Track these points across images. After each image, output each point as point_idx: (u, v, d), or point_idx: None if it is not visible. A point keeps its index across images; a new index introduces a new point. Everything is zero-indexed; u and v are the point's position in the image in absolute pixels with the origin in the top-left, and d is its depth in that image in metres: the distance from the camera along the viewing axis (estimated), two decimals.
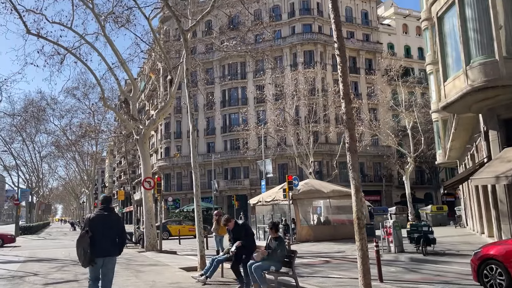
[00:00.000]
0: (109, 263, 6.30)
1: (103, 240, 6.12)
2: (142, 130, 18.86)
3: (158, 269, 11.88)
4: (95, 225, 6.20)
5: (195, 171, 12.21)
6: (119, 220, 6.77)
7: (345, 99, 5.79)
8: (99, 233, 6.10)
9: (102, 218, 6.27)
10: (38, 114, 41.68)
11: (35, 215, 62.27)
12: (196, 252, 18.35)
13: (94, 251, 6.02)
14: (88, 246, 5.99)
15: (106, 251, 6.16)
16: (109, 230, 6.22)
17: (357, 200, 5.55)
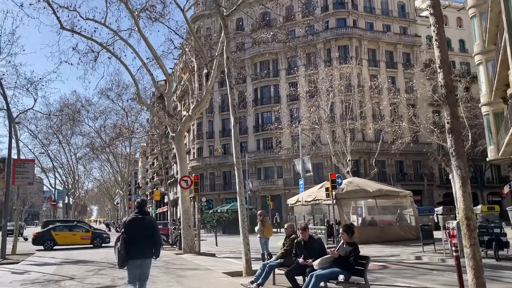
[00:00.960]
0: (145, 265, 6.41)
1: (139, 243, 6.20)
2: (178, 127, 18.13)
3: (200, 273, 10.96)
4: (131, 227, 6.32)
5: (238, 167, 11.24)
6: (153, 223, 6.76)
7: (443, 68, 4.63)
8: (134, 235, 6.21)
9: (138, 221, 6.37)
10: (73, 115, 42.02)
11: (72, 216, 63.31)
12: (236, 255, 17.51)
13: (130, 253, 6.15)
14: (123, 248, 6.14)
15: (142, 253, 6.26)
16: (144, 232, 6.27)
17: (464, 195, 4.37)
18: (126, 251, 6.12)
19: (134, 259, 6.22)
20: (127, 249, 6.12)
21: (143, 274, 6.43)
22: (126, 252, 6.12)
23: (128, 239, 6.17)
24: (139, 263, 6.28)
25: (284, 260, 7.95)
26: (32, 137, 46.37)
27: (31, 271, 12.61)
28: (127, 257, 6.15)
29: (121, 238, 6.21)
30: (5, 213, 17.73)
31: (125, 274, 8.62)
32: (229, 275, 10.59)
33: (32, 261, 15.65)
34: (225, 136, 53.23)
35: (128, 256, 6.15)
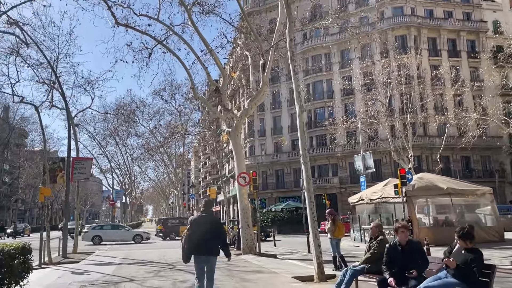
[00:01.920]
0: (209, 262, 6.50)
1: (202, 240, 6.35)
2: (234, 122, 17.34)
3: (266, 277, 9.97)
4: (195, 225, 6.52)
5: (305, 161, 10.14)
6: (218, 222, 7.10)
7: None
8: (199, 233, 6.38)
9: (203, 219, 6.55)
10: (129, 116, 42.85)
11: (129, 215, 65.22)
12: (298, 256, 16.42)
13: (194, 249, 6.37)
14: (187, 244, 6.42)
15: (205, 251, 6.39)
16: (208, 230, 6.41)
17: None
18: (190, 247, 6.39)
19: (198, 255, 6.41)
20: (190, 246, 6.38)
21: (208, 272, 6.52)
22: (189, 248, 6.39)
23: (192, 236, 6.42)
24: (203, 259, 6.43)
25: (371, 266, 6.75)
26: (91, 138, 48.02)
27: (91, 271, 12.25)
28: (191, 253, 6.40)
29: (186, 235, 6.49)
30: (66, 212, 17.82)
31: (186, 277, 9.35)
32: (299, 280, 9.52)
33: (92, 261, 15.45)
34: (277, 134, 52.19)
35: (191, 252, 6.40)
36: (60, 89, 18.15)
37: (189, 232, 6.46)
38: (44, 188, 13.93)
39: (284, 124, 51.80)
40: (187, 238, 6.43)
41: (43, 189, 13.87)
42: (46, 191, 14.14)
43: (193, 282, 9.72)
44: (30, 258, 8.87)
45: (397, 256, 5.93)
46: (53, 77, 17.61)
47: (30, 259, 8.88)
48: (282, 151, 51.28)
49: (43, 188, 13.95)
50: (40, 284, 9.95)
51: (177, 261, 14.13)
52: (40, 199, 14.02)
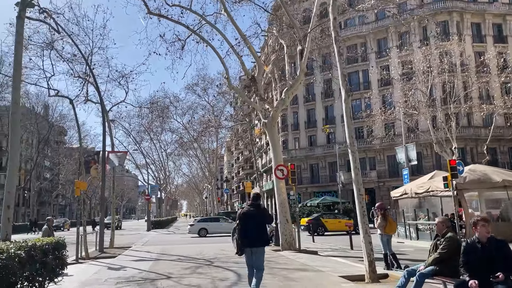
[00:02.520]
0: (257, 252, 6.77)
1: (250, 233, 6.65)
2: (270, 112, 16.63)
3: (311, 276, 9.21)
4: (244, 218, 6.80)
5: (353, 150, 9.28)
6: (265, 214, 7.14)
7: None
8: (247, 226, 6.70)
9: (250, 213, 6.81)
10: (163, 112, 42.98)
11: (164, 210, 65.95)
12: (339, 253, 15.55)
13: (244, 242, 6.69)
14: (239, 237, 6.74)
15: (253, 243, 6.69)
16: (255, 223, 6.72)
17: None
18: (241, 240, 6.68)
19: (247, 247, 6.72)
20: (241, 239, 6.68)
21: (256, 263, 6.80)
22: (241, 241, 6.69)
23: (241, 229, 6.74)
24: (252, 250, 6.73)
25: (440, 267, 5.85)
26: (126, 134, 48.61)
27: (127, 267, 11.88)
28: (243, 245, 6.69)
29: (237, 229, 6.84)
30: (102, 206, 17.68)
31: (225, 275, 9.29)
32: (348, 279, 8.72)
33: (129, 256, 15.18)
34: (311, 127, 51.10)
35: (243, 245, 6.70)
36: (95, 82, 18.00)
37: (239, 227, 6.79)
38: (79, 182, 13.74)
39: (318, 117, 50.59)
40: (238, 232, 6.77)
41: (79, 182, 13.67)
42: (81, 184, 13.95)
43: (233, 280, 9.12)
44: (64, 254, 8.51)
45: (477, 255, 5.01)
46: (88, 70, 17.46)
47: (64, 254, 8.52)
48: (317, 145, 50.12)
49: (79, 182, 13.76)
50: (75, 280, 9.61)
51: (215, 257, 13.61)
52: (76, 193, 13.86)
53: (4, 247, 5.99)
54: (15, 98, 8.43)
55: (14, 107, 8.42)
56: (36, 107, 52.18)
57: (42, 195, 72.84)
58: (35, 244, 7.10)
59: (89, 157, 16.63)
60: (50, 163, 73.83)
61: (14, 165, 8.36)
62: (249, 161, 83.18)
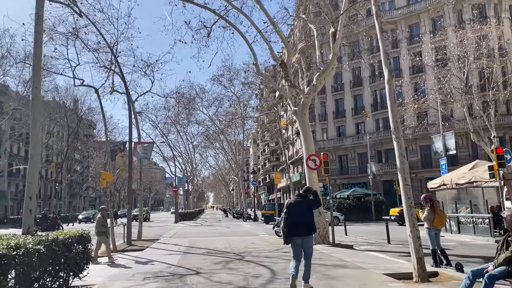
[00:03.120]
0: (306, 242, 6.97)
1: (297, 222, 6.86)
2: (301, 100, 15.83)
3: (352, 273, 8.44)
4: (291, 209, 7.02)
5: (398, 136, 8.43)
6: (311, 205, 7.35)
7: None
8: (295, 216, 6.91)
9: (297, 203, 7.09)
10: (189, 103, 42.74)
11: (191, 202, 66.26)
12: (376, 247, 14.68)
13: (290, 231, 6.86)
14: (286, 227, 6.88)
15: (300, 232, 6.86)
16: (302, 213, 6.95)
17: None
18: (288, 230, 6.87)
19: (294, 237, 6.88)
20: (288, 228, 6.87)
21: (306, 252, 6.96)
22: (288, 231, 6.87)
23: (288, 219, 6.92)
24: (299, 241, 6.89)
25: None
26: (153, 127, 48.71)
27: (155, 261, 11.43)
28: (290, 235, 6.87)
29: (283, 218, 6.98)
30: (129, 198, 17.39)
31: (258, 271, 8.84)
32: (394, 277, 7.90)
33: (156, 249, 14.79)
34: (339, 118, 49.84)
35: (291, 234, 6.87)
36: (120, 72, 17.64)
37: (285, 216, 6.94)
38: (105, 173, 13.37)
39: (347, 107, 49.26)
40: (285, 222, 6.92)
41: (105, 174, 13.30)
42: (107, 176, 13.59)
43: (267, 277, 8.46)
44: (89, 247, 8.07)
45: None
46: (113, 60, 17.09)
47: (89, 248, 8.08)
48: (346, 135, 48.86)
49: (105, 173, 13.40)
50: (101, 275, 9.19)
51: (245, 251, 13.02)
52: (102, 185, 13.52)
53: (21, 242, 5.51)
54: (35, 84, 7.99)
55: (35, 92, 7.98)
56: (65, 101, 52.91)
57: (73, 188, 74.46)
58: (57, 238, 6.64)
59: (115, 146, 16.32)
60: (80, 156, 75.29)
61: (36, 154, 7.94)
62: (275, 153, 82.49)
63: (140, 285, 7.99)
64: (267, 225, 30.45)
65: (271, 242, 16.11)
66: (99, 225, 12.09)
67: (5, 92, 48.26)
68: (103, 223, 12.19)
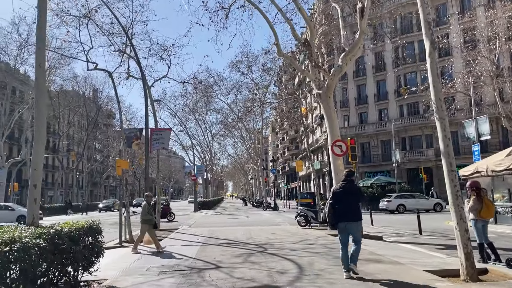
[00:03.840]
0: (353, 226, 7.07)
1: (344, 208, 6.98)
2: (325, 82, 14.86)
3: (389, 269, 7.57)
4: (338, 194, 7.13)
5: (441, 115, 7.43)
6: (358, 190, 7.50)
7: None
8: (342, 201, 7.02)
9: (344, 189, 7.12)
10: (207, 91, 42.04)
11: (210, 191, 66.02)
12: (407, 239, 13.73)
13: (337, 217, 7.01)
14: (333, 212, 7.04)
15: (346, 217, 6.98)
16: (349, 199, 7.06)
17: None
18: (335, 215, 6.99)
19: (342, 222, 6.97)
20: (334, 213, 7.00)
21: (354, 236, 7.05)
22: (334, 216, 7.00)
23: (334, 205, 7.03)
24: (346, 226, 6.98)
25: None
26: (172, 115, 48.35)
27: (172, 252, 10.80)
28: (336, 220, 6.99)
29: (329, 204, 7.07)
30: (146, 186, 16.82)
31: (284, 265, 8.21)
32: (438, 275, 7.00)
33: (174, 239, 14.21)
34: (362, 104, 48.38)
35: (337, 219, 6.99)
36: (135, 56, 16.97)
37: (332, 201, 7.05)
38: (121, 161, 12.76)
39: (369, 93, 47.76)
40: (330, 207, 7.05)
41: (120, 161, 12.69)
42: (123, 163, 12.98)
43: (294, 273, 7.66)
44: (100, 240, 7.40)
45: None
46: (128, 43, 16.41)
47: (100, 240, 7.41)
48: (368, 122, 47.44)
49: (120, 160, 12.79)
50: (114, 268, 8.57)
51: (267, 242, 12.27)
52: (117, 173, 12.93)
53: (16, 236, 4.84)
54: (39, 61, 7.30)
55: (38, 71, 7.29)
56: (84, 90, 52.97)
57: (94, 177, 75.25)
58: (61, 230, 5.97)
59: (131, 133, 15.69)
60: (101, 145, 75.89)
61: (41, 138, 7.28)
62: (295, 141, 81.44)
63: (155, 281, 7.32)
64: (288, 214, 29.71)
65: (293, 232, 15.33)
66: (144, 213, 11.45)
67: (25, 81, 48.55)
68: (149, 211, 11.62)
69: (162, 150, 17.71)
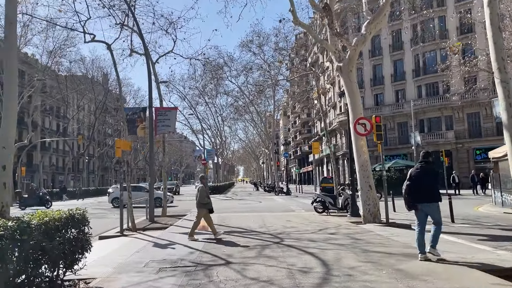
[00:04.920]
0: (430, 207, 6.86)
1: (420, 189, 6.82)
2: (346, 54, 13.36)
3: (436, 268, 6.22)
4: (414, 175, 6.95)
5: (504, 78, 5.95)
6: (434, 171, 7.10)
7: None
8: (421, 182, 6.84)
9: (421, 170, 6.94)
10: (217, 74, 40.59)
11: (221, 175, 65.07)
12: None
13: (414, 198, 6.87)
14: (408, 193, 6.90)
15: (425, 198, 6.82)
16: (425, 180, 6.84)
17: None
18: (412, 197, 6.88)
19: (420, 203, 6.87)
20: (411, 194, 6.89)
21: (433, 218, 6.93)
22: (412, 197, 6.89)
23: (411, 186, 6.91)
24: (425, 206, 6.87)
25: None
26: (181, 98, 47.12)
27: (177, 243, 9.60)
28: (414, 201, 6.89)
29: (406, 185, 6.97)
30: (151, 169, 15.64)
31: (305, 261, 7.10)
32: (499, 276, 5.62)
33: (181, 227, 13.03)
34: (377, 85, 46.47)
35: (414, 201, 6.88)
36: (138, 29, 15.59)
37: (409, 182, 6.91)
38: (120, 141, 11.52)
39: (385, 73, 45.79)
40: (407, 188, 6.91)
41: (120, 141, 11.46)
42: (123, 144, 11.75)
43: (319, 272, 6.30)
44: (87, 231, 6.18)
45: None
46: (129, 13, 15.03)
47: (87, 232, 6.19)
48: (384, 104, 45.59)
49: (120, 140, 11.55)
50: (108, 263, 7.39)
51: (283, 231, 11.00)
52: (116, 154, 11.71)
53: None
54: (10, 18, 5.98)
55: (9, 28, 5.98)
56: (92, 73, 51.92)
57: (104, 161, 74.82)
58: (29, 222, 4.73)
59: (134, 114, 14.35)
60: (111, 130, 75.27)
61: (11, 113, 6.03)
62: (307, 125, 79.71)
63: (152, 281, 6.09)
64: (301, 199, 28.49)
65: (311, 220, 14.04)
66: (203, 196, 10.26)
67: (29, 63, 47.59)
68: (208, 194, 10.48)
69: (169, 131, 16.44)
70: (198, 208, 10.45)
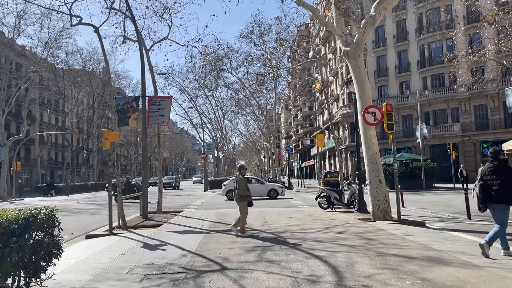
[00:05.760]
0: (500, 209, 6.49)
1: (494, 188, 6.41)
2: (354, 37, 12.36)
3: (465, 277, 5.26)
4: (486, 174, 6.56)
5: None
6: (507, 169, 6.58)
7: None
8: (493, 181, 6.42)
9: (493, 169, 6.52)
10: (216, 65, 39.53)
11: (222, 170, 64.14)
12: (454, 225, 11.41)
13: (489, 197, 6.47)
14: (481, 193, 6.52)
15: (499, 198, 6.39)
16: (497, 178, 6.41)
17: None
18: (484, 197, 6.50)
19: (492, 203, 6.49)
20: (484, 195, 6.50)
21: (499, 219, 6.51)
22: (484, 198, 6.50)
23: (484, 185, 6.51)
24: (495, 207, 6.50)
25: None
26: (180, 91, 46.11)
27: (168, 243, 8.67)
28: (486, 202, 6.51)
29: (478, 185, 6.57)
30: (144, 163, 14.70)
31: (312, 267, 6.24)
32: None
33: (176, 224, 12.09)
34: (381, 77, 45.38)
35: (486, 201, 6.51)
36: (130, 14, 14.58)
37: (481, 182, 6.55)
38: (108, 131, 10.57)
39: (390, 65, 44.68)
40: (480, 188, 6.54)
41: (108, 132, 10.49)
42: (112, 135, 10.79)
43: (330, 282, 5.29)
44: (56, 234, 5.25)
45: None
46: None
47: (56, 235, 5.26)
48: (388, 96, 44.51)
49: (107, 131, 10.60)
50: (86, 270, 6.47)
51: (286, 230, 10.07)
52: (105, 146, 10.77)
53: None
54: None
55: None
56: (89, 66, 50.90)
57: (103, 156, 73.95)
58: None
59: (126, 104, 13.36)
60: (111, 124, 74.27)
61: None
62: (309, 118, 78.63)
63: None
64: (304, 194, 27.59)
65: (315, 217, 13.10)
66: (242, 188, 9.34)
67: (26, 55, 46.59)
68: (247, 186, 9.57)
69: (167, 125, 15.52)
70: (237, 202, 9.52)
